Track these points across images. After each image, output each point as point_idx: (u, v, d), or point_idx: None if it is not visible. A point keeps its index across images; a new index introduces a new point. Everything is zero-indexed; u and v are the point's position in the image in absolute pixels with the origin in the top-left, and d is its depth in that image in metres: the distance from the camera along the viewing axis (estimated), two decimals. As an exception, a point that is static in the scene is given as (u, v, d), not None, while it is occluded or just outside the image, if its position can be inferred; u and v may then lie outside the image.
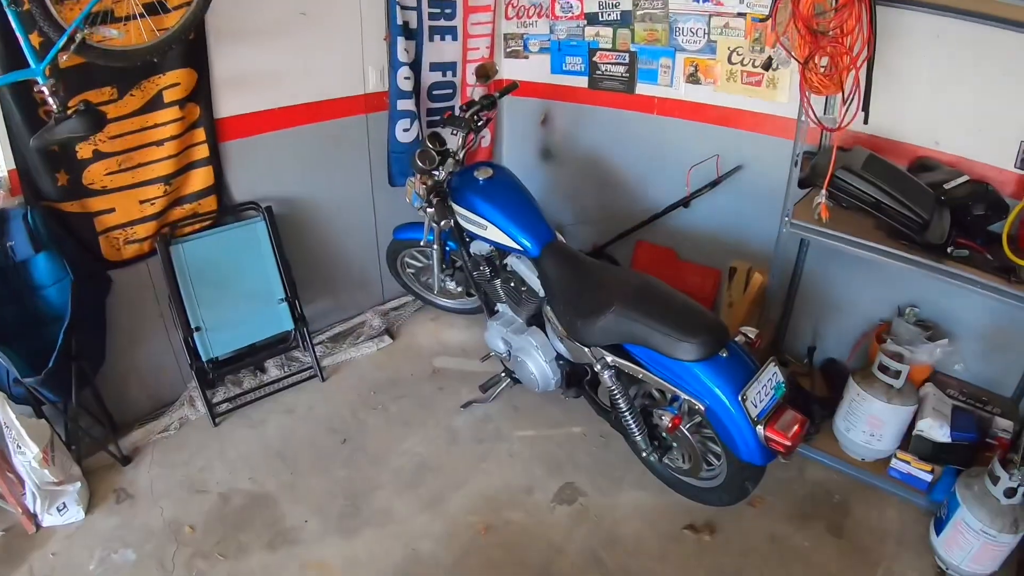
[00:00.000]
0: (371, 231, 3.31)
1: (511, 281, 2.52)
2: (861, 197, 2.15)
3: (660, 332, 1.94)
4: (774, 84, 2.63)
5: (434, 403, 2.82)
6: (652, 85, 3.00)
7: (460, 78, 3.33)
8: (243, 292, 2.73)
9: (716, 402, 1.93)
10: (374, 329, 3.25)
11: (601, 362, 2.18)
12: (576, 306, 2.18)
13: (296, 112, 2.78)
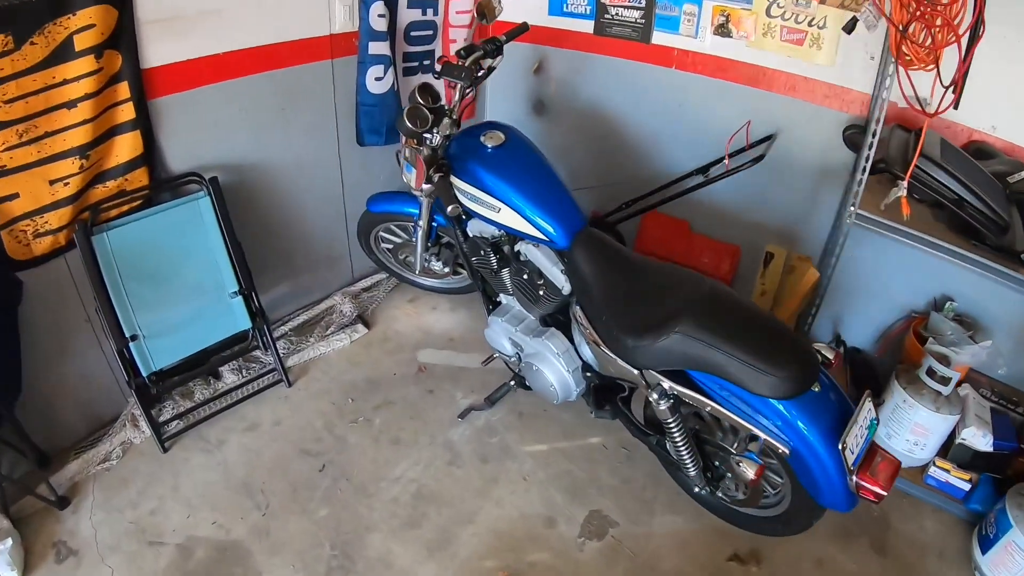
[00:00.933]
0: (338, 200, 2.84)
1: (524, 273, 2.15)
2: (942, 192, 1.90)
3: (740, 361, 1.56)
4: (819, 44, 2.29)
5: (425, 411, 2.48)
6: (672, 35, 2.60)
7: (442, 17, 2.82)
8: (187, 287, 2.26)
9: (805, 446, 1.64)
10: (345, 316, 2.84)
11: (656, 389, 1.83)
12: (624, 318, 1.81)
13: (246, 58, 2.23)
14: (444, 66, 2.10)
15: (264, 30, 2.26)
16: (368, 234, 2.83)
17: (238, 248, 2.33)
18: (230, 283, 2.34)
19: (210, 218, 2.27)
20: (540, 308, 2.17)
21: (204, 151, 2.28)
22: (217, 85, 2.21)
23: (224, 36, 2.16)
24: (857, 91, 2.28)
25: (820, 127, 2.40)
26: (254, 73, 2.30)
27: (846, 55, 2.26)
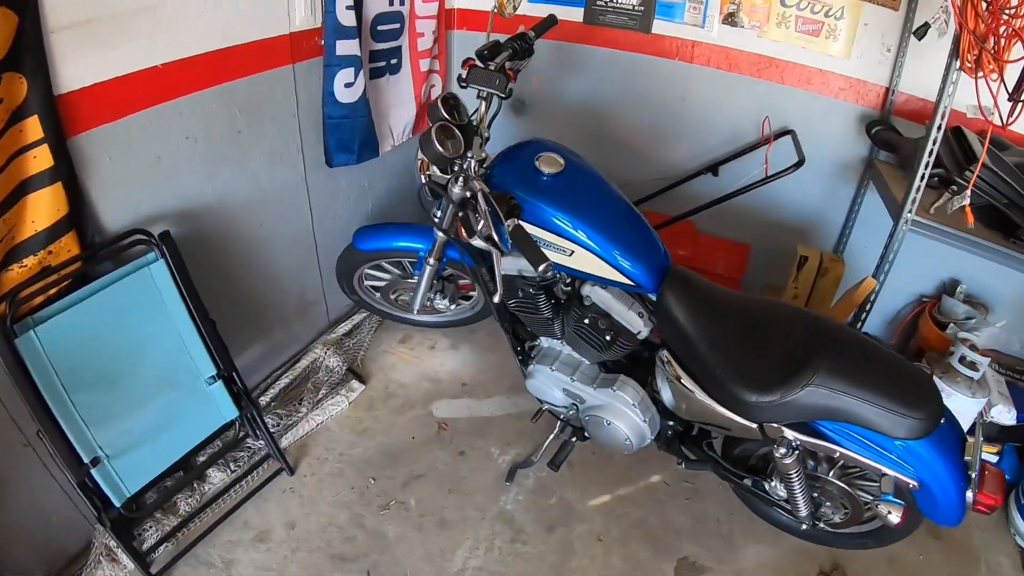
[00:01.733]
0: (307, 235, 2.29)
1: (586, 317, 1.79)
2: (993, 195, 1.84)
3: (878, 407, 1.42)
4: (835, 35, 2.15)
5: (463, 480, 2.08)
6: (675, 24, 2.34)
7: (408, 9, 2.32)
8: (153, 381, 1.67)
9: (934, 478, 1.52)
10: (332, 372, 2.31)
11: (782, 442, 1.61)
12: (742, 372, 1.55)
13: (190, 69, 1.64)
14: (471, 71, 1.63)
15: (210, 31, 1.68)
16: (352, 274, 2.33)
17: (207, 320, 1.77)
18: (205, 367, 1.77)
19: (167, 286, 1.68)
20: (610, 355, 1.83)
21: (147, 198, 1.67)
22: (156, 108, 1.61)
23: (161, 42, 1.56)
24: (872, 83, 2.19)
25: (836, 121, 2.28)
26: (201, 89, 1.71)
27: (862, 47, 2.15)
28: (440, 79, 2.68)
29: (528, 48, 1.80)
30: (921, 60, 2.08)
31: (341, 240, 2.40)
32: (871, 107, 2.20)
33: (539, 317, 1.86)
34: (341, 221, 2.42)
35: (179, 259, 1.69)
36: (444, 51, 2.66)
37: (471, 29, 2.65)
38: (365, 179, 2.48)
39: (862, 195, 2.36)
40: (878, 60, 2.12)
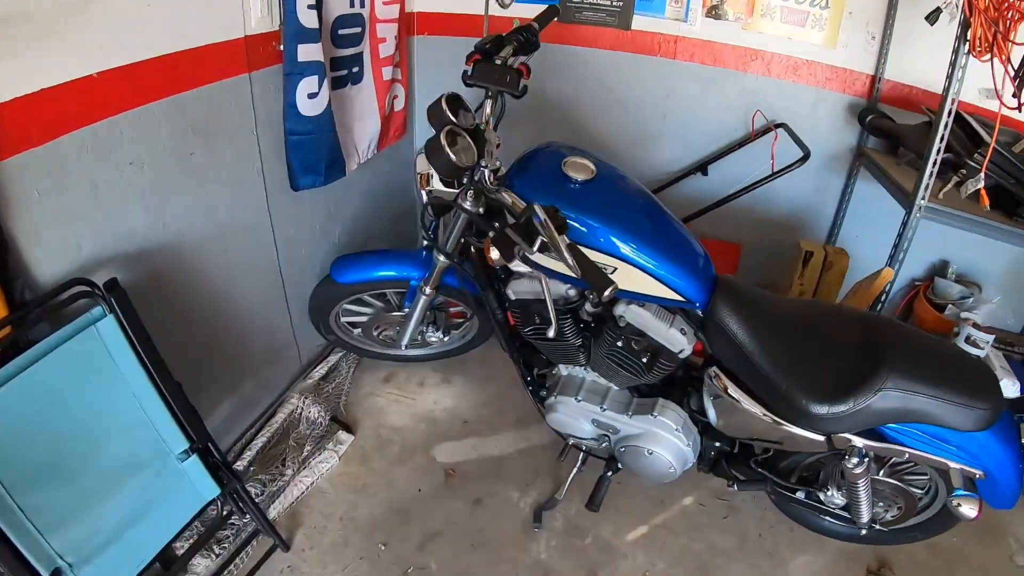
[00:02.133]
0: (273, 270, 1.97)
1: (619, 340, 1.57)
2: (1005, 176, 1.80)
3: (949, 403, 1.34)
4: (821, 25, 2.09)
5: (486, 531, 1.82)
6: (656, 19, 2.21)
7: (368, 11, 2.06)
8: (113, 464, 1.32)
9: (997, 465, 1.45)
10: (315, 424, 1.99)
11: (852, 452, 1.49)
12: (809, 385, 1.41)
13: (131, 79, 1.32)
14: (478, 67, 1.40)
15: (154, 33, 1.36)
16: (329, 312, 2.03)
17: (172, 383, 1.42)
18: (175, 440, 1.43)
19: (119, 347, 1.33)
20: (648, 379, 1.63)
21: (87, 240, 1.33)
22: (93, 128, 1.28)
23: (96, 45, 1.24)
24: (859, 72, 2.14)
25: (824, 111, 2.22)
26: (145, 103, 1.39)
27: (847, 36, 2.10)
28: (403, 89, 2.43)
29: (534, 41, 1.59)
30: (906, 47, 2.05)
31: (309, 274, 2.12)
32: (858, 95, 2.15)
33: (562, 344, 1.64)
34: (307, 252, 2.11)
35: (132, 312, 1.35)
36: (405, 59, 2.41)
37: (433, 34, 2.41)
38: (331, 203, 2.17)
39: (852, 184, 2.31)
40: (864, 48, 2.07)
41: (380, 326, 2.10)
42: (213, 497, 1.51)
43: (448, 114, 1.37)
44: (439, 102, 1.40)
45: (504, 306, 1.76)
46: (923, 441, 1.48)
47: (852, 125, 2.20)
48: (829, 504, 1.71)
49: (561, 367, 1.79)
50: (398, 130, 2.49)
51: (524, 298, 1.64)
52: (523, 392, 2.19)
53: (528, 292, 1.62)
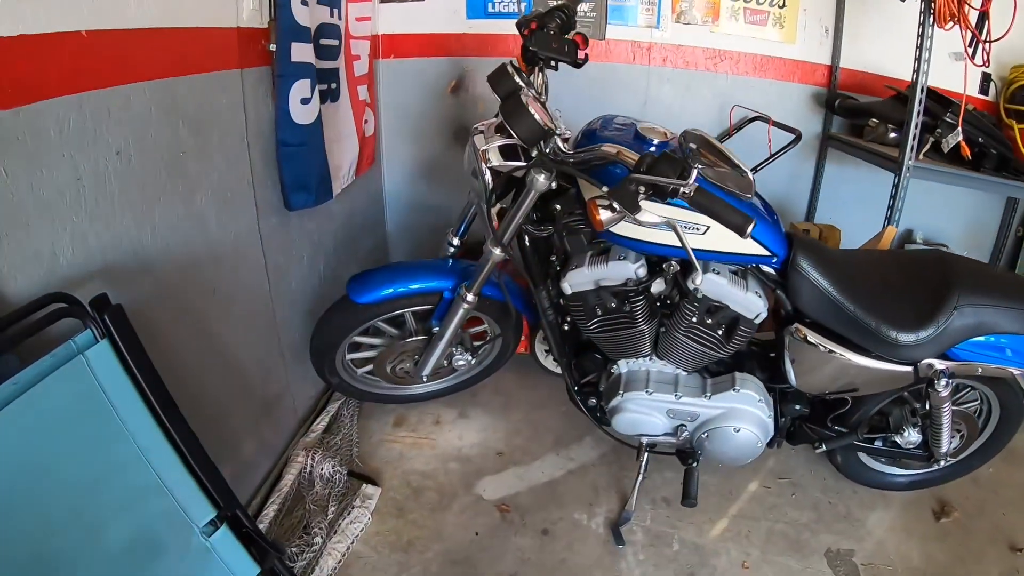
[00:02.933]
0: (264, 303, 1.62)
1: (695, 315, 1.41)
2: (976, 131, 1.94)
3: (1012, 309, 1.44)
4: (781, 22, 2.18)
5: (566, 562, 1.55)
6: (629, 27, 2.21)
7: (344, 24, 1.87)
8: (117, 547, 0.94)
9: None
10: (332, 481, 1.61)
11: (934, 374, 1.47)
12: (896, 317, 1.43)
13: (122, 47, 1.05)
14: (537, 36, 1.30)
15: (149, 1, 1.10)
16: (339, 345, 1.70)
17: (187, 431, 1.07)
18: (198, 508, 1.06)
19: (117, 383, 0.97)
20: (727, 352, 1.48)
21: (64, 244, 0.99)
22: (76, 98, 0.98)
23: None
24: (818, 63, 2.25)
25: (790, 102, 2.30)
26: (136, 80, 1.10)
27: (805, 31, 2.21)
28: (372, 114, 2.23)
29: (571, 20, 1.50)
30: (857, 37, 2.19)
31: (300, 310, 1.81)
32: (819, 85, 2.26)
33: (630, 332, 1.46)
34: (297, 287, 1.79)
35: (132, 337, 1.01)
36: (373, 81, 2.23)
37: (400, 56, 2.26)
38: (314, 232, 1.88)
39: (822, 168, 2.39)
40: (820, 41, 2.20)
41: (396, 358, 1.79)
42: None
43: (516, 79, 1.22)
44: (504, 68, 1.27)
45: (555, 306, 1.58)
46: (989, 356, 1.54)
47: (817, 113, 2.29)
48: (907, 444, 1.71)
49: (621, 364, 1.59)
50: (370, 157, 2.26)
51: (582, 290, 1.46)
52: (552, 412, 2.07)
53: (587, 281, 1.44)
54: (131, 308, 1.05)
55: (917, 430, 1.70)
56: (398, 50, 2.27)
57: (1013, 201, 2.49)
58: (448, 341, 1.62)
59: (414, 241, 2.60)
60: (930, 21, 1.79)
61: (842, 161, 2.31)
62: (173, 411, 1.07)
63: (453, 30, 2.20)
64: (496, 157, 1.35)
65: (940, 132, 1.96)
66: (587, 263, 1.42)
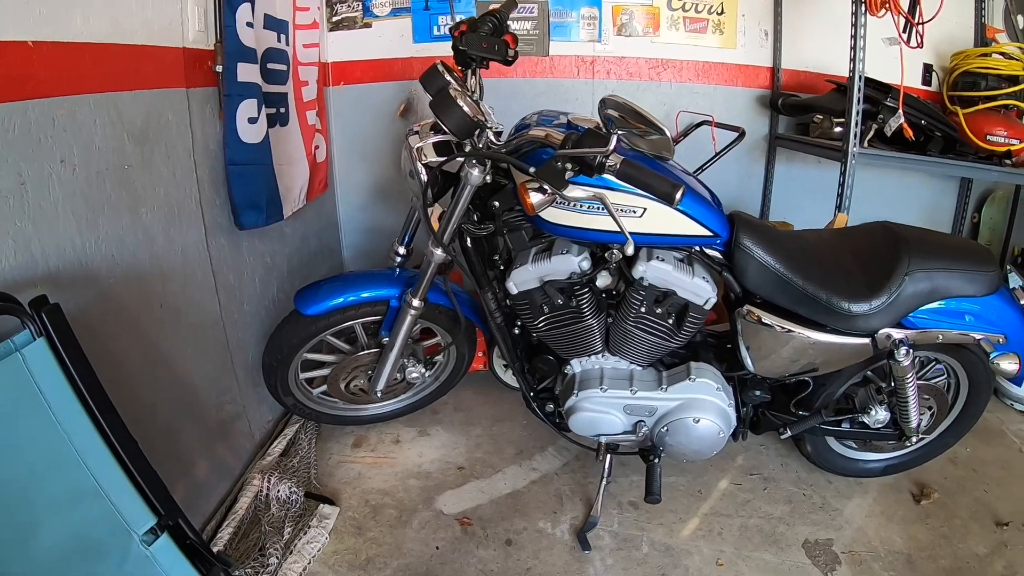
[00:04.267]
0: (215, 322, 1.71)
1: (643, 305, 1.52)
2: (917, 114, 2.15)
3: (963, 272, 1.56)
4: (720, 29, 2.40)
5: (533, 570, 1.61)
6: (572, 42, 2.41)
7: (292, 51, 2.04)
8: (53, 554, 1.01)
9: (1011, 327, 1.62)
10: (289, 503, 1.65)
11: (892, 344, 1.56)
12: (848, 288, 1.53)
13: (70, 59, 1.17)
14: (467, 37, 1.44)
15: (94, 15, 1.24)
16: (291, 362, 1.78)
17: (127, 436, 1.14)
18: (137, 514, 1.11)
19: (53, 383, 1.04)
20: (678, 341, 1.58)
21: (6, 248, 1.08)
22: (21, 105, 1.09)
23: (32, 8, 1.09)
24: (760, 66, 2.47)
25: (736, 105, 2.50)
26: (82, 92, 1.23)
27: (745, 36, 2.43)
28: (324, 139, 2.38)
29: (502, 26, 1.65)
30: (796, 38, 2.42)
31: (254, 333, 1.90)
32: (763, 87, 2.47)
33: (580, 328, 1.56)
34: (250, 308, 1.88)
35: (70, 338, 1.09)
36: (324, 108, 2.39)
37: (349, 83, 2.43)
38: (267, 254, 1.99)
39: (772, 168, 2.59)
40: (760, 44, 2.42)
41: (350, 373, 1.87)
42: (193, 594, 1.17)
43: (446, 75, 1.35)
44: (434, 67, 1.40)
45: (503, 308, 1.68)
46: (947, 322, 1.64)
47: (763, 115, 2.50)
48: (875, 424, 1.80)
49: (574, 363, 1.68)
50: (322, 183, 2.40)
51: (528, 288, 1.55)
52: (514, 424, 2.17)
53: (532, 280, 1.54)
54: (75, 316, 1.14)
55: (884, 408, 1.80)
56: (347, 77, 2.45)
57: (967, 188, 2.69)
58: (399, 351, 1.71)
59: (371, 265, 2.71)
60: (862, 10, 2.01)
61: (791, 159, 2.50)
62: (112, 415, 1.14)
63: (400, 55, 2.39)
64: (431, 154, 1.47)
65: (882, 118, 2.16)
66: (531, 260, 1.52)
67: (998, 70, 2.42)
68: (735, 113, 2.46)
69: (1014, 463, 2.12)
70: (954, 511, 1.89)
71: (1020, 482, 2.03)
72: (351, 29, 2.36)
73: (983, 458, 2.13)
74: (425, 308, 1.67)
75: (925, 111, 2.21)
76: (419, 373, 1.88)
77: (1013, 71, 2.42)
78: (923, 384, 1.81)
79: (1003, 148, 2.32)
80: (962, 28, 2.56)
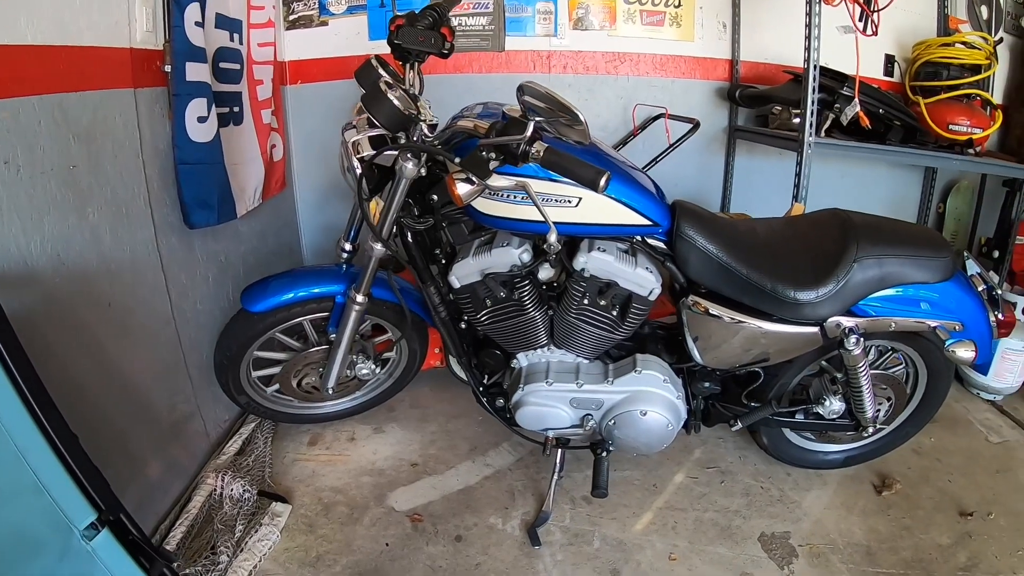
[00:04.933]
0: (166, 322, 1.79)
1: (586, 297, 1.59)
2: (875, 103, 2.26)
3: (916, 258, 1.60)
4: (678, 22, 2.50)
5: (481, 567, 1.69)
6: (528, 37, 2.50)
7: (246, 50, 2.12)
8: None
9: (968, 314, 1.68)
10: (242, 501, 1.73)
11: (841, 333, 1.63)
12: (793, 276, 1.59)
13: (10, 63, 1.24)
14: (403, 30, 1.50)
15: (38, 17, 1.31)
16: (240, 360, 1.87)
17: (66, 432, 1.21)
18: (77, 509, 1.17)
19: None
20: (623, 333, 1.66)
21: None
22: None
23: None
24: (718, 59, 2.57)
25: (694, 98, 2.60)
26: (27, 94, 1.30)
27: (703, 28, 2.53)
28: (280, 138, 2.45)
29: (445, 17, 1.70)
30: (756, 29, 2.52)
31: (208, 333, 1.97)
32: (721, 80, 2.57)
33: (523, 320, 1.64)
34: (204, 308, 1.96)
35: (9, 333, 1.17)
36: (280, 107, 2.47)
37: (307, 81, 2.51)
38: (221, 253, 2.07)
39: (732, 160, 2.69)
40: (718, 37, 2.52)
41: (301, 370, 1.95)
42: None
43: (379, 69, 1.43)
44: (368, 62, 1.47)
45: (447, 303, 1.75)
46: (901, 310, 1.70)
47: (722, 107, 2.60)
48: (830, 414, 1.87)
49: (520, 357, 1.77)
50: (279, 181, 2.48)
51: (470, 282, 1.63)
52: (469, 421, 2.26)
53: (474, 273, 1.62)
54: (20, 315, 1.22)
55: (838, 398, 1.88)
56: (305, 75, 2.53)
57: (931, 178, 2.79)
58: (346, 348, 1.78)
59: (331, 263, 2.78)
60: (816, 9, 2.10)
61: (752, 151, 2.61)
62: (52, 411, 1.20)
63: (357, 52, 2.46)
64: (367, 148, 1.52)
65: (838, 107, 2.25)
66: (472, 253, 1.60)
67: (960, 59, 2.53)
68: (693, 106, 2.56)
69: (980, 452, 2.22)
70: (917, 502, 1.97)
71: (985, 471, 2.13)
72: (308, 27, 2.44)
73: (948, 447, 2.23)
74: (372, 304, 1.75)
75: (882, 100, 2.32)
76: (369, 369, 1.96)
77: (975, 60, 2.53)
78: (880, 374, 1.90)
79: (965, 137, 2.43)
80: (925, 19, 2.67)
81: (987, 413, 2.46)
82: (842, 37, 2.38)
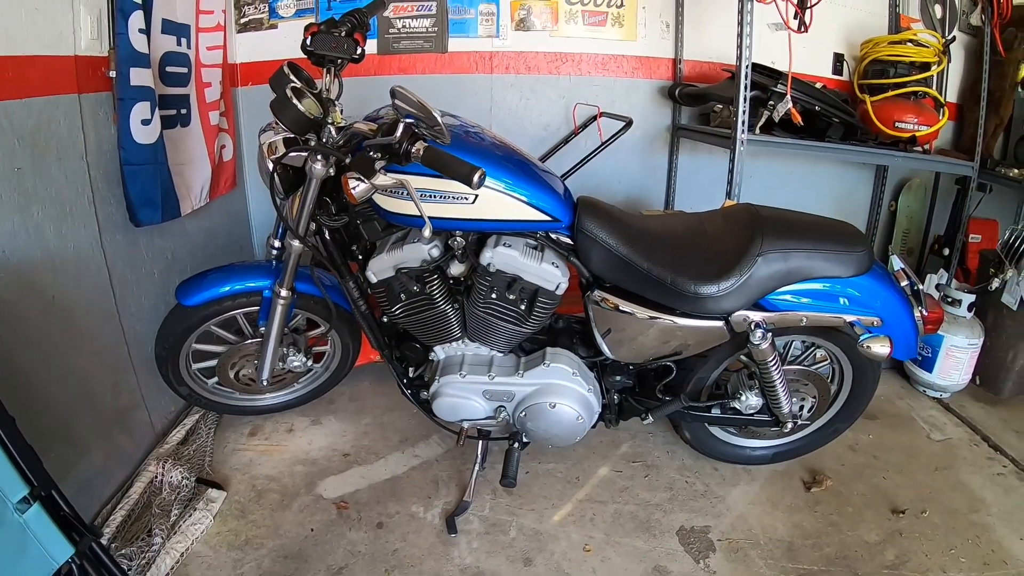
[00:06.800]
0: (110, 315, 2.07)
1: (493, 291, 1.83)
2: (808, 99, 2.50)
3: (826, 252, 1.75)
4: (620, 22, 2.77)
5: (398, 552, 1.93)
6: (471, 38, 2.79)
7: (194, 53, 2.42)
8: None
9: (888, 309, 1.85)
10: (180, 488, 2.02)
11: (748, 327, 1.81)
12: (696, 270, 1.76)
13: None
14: (316, 37, 1.74)
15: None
16: (178, 353, 2.16)
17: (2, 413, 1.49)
18: (10, 483, 1.38)
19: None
20: (531, 327, 1.90)
21: None
22: None
23: None
24: (661, 58, 2.84)
25: (637, 97, 2.88)
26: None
27: (646, 28, 2.79)
28: (230, 139, 2.75)
29: (364, 22, 1.93)
30: (697, 29, 2.78)
31: (154, 327, 2.23)
32: (664, 79, 2.85)
33: (434, 314, 1.90)
34: (149, 304, 2.25)
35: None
36: (231, 108, 2.77)
37: (257, 83, 2.81)
38: (167, 250, 2.37)
39: (675, 159, 2.96)
40: (661, 36, 2.79)
41: (237, 363, 2.24)
42: (65, 559, 1.47)
43: (290, 75, 1.68)
44: (280, 69, 1.71)
45: (366, 296, 1.99)
46: (815, 305, 1.85)
47: (665, 106, 2.88)
48: (747, 409, 2.05)
49: (438, 350, 2.03)
50: (228, 181, 2.79)
51: (385, 277, 1.86)
52: (403, 414, 2.52)
53: (388, 269, 1.85)
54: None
55: (755, 393, 2.05)
56: (255, 77, 2.83)
57: (882, 177, 3.02)
58: (275, 340, 2.03)
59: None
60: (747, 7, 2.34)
61: (696, 150, 2.88)
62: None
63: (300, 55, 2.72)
64: (282, 149, 1.78)
65: (772, 104, 2.49)
66: (387, 249, 1.83)
67: (908, 57, 2.78)
68: (636, 105, 2.84)
69: (920, 450, 2.41)
70: (847, 498, 2.15)
71: (923, 469, 2.31)
72: (258, 30, 2.74)
73: (887, 444, 2.43)
74: (299, 298, 2.03)
75: (819, 97, 2.57)
76: (300, 362, 2.23)
77: (923, 58, 2.77)
78: (801, 369, 2.08)
79: (908, 134, 2.66)
80: (876, 18, 2.93)
81: (932, 411, 2.67)
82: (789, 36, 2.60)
